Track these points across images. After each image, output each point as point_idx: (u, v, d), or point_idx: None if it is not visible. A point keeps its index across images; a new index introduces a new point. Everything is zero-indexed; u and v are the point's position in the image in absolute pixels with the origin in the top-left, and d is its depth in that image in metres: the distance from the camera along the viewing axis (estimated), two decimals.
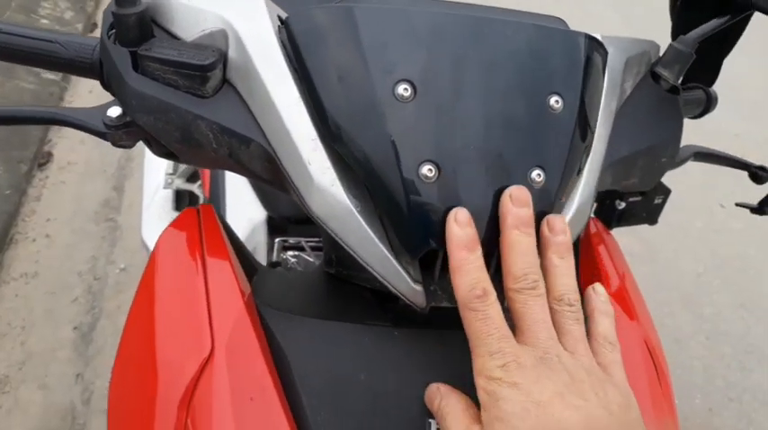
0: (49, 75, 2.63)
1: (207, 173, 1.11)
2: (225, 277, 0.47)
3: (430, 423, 0.44)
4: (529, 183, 0.43)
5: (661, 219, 0.77)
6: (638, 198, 0.71)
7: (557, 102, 0.44)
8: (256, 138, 0.45)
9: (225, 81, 0.46)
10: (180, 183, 1.36)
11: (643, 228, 0.87)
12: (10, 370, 1.64)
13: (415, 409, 0.44)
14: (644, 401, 0.48)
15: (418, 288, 0.44)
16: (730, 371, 1.87)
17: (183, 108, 0.45)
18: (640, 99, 0.55)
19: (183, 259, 0.49)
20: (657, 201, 0.72)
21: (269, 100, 0.43)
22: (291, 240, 1.00)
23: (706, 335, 1.96)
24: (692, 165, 0.72)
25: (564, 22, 0.49)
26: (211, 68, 0.44)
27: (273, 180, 0.47)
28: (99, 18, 3.05)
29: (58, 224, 2.06)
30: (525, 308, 0.40)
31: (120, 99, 0.46)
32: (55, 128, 2.43)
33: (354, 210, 0.43)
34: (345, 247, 0.44)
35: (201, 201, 1.35)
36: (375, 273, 0.44)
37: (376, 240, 0.43)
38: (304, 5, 0.44)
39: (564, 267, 0.43)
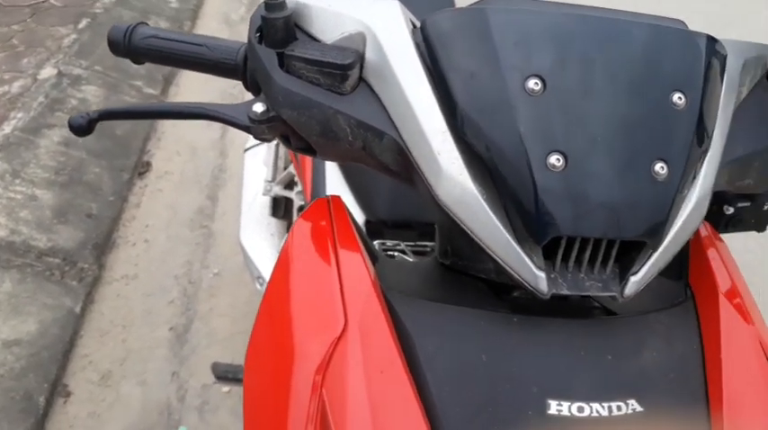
0: (150, 89, 2.79)
1: (308, 178, 1.16)
2: (356, 262, 0.51)
3: (549, 403, 0.46)
4: (652, 175, 0.45)
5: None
6: (747, 203, 0.70)
7: (679, 98, 0.46)
8: (389, 131, 0.48)
9: (361, 79, 0.50)
10: (278, 190, 1.41)
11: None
12: (113, 365, 1.73)
13: (535, 390, 0.46)
14: (761, 404, 0.49)
15: (541, 274, 0.46)
16: None
17: (325, 104, 0.49)
18: (756, 102, 0.56)
19: (316, 244, 0.53)
20: (766, 207, 0.72)
21: (403, 96, 0.47)
22: (389, 243, 1.04)
23: None
24: None
25: (684, 23, 0.51)
26: (351, 67, 0.48)
27: (401, 171, 0.51)
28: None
29: (155, 230, 2.17)
30: None
31: (266, 95, 0.51)
32: (153, 139, 2.57)
33: (480, 197, 0.45)
34: (470, 233, 0.47)
35: (297, 206, 1.41)
36: (498, 259, 0.47)
37: (500, 227, 0.46)
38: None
39: None
